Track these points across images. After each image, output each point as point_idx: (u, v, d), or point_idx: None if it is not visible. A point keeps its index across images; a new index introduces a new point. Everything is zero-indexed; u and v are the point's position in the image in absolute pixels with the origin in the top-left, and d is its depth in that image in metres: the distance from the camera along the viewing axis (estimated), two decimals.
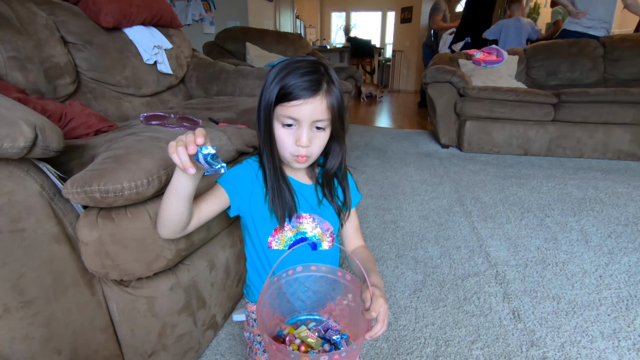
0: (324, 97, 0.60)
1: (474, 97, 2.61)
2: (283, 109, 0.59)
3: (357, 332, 0.62)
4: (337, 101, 0.61)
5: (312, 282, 0.66)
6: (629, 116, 2.46)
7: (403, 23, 7.38)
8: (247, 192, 0.67)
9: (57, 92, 1.12)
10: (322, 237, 0.72)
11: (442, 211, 1.71)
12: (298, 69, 0.59)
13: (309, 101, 0.58)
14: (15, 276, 0.56)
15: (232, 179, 0.67)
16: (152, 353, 0.77)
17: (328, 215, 0.72)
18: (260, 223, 0.69)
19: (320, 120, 0.61)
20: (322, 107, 0.60)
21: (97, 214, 0.62)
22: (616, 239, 1.46)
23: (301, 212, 0.69)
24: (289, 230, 0.69)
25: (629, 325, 1.00)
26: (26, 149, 0.52)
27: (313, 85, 0.58)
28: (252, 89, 1.82)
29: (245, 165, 0.69)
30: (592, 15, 3.03)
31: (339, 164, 0.70)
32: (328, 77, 0.60)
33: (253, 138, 1.02)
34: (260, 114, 0.63)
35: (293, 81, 0.57)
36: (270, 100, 0.60)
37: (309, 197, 0.71)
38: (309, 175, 0.73)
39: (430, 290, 1.14)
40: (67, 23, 1.22)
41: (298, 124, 0.60)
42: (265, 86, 0.61)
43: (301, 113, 0.59)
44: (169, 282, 0.73)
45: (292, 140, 0.61)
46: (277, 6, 5.27)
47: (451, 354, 0.89)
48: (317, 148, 0.64)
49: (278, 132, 0.62)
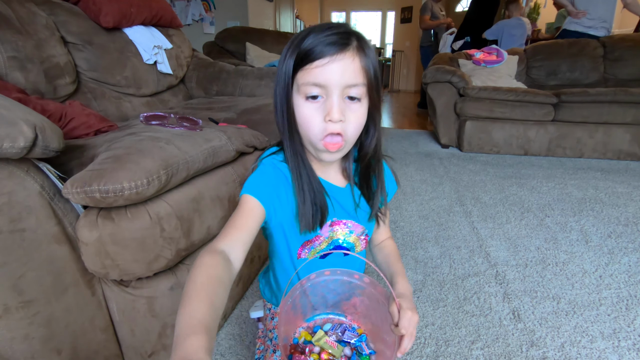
0: (356, 55, 0.47)
1: (474, 97, 2.61)
2: (304, 75, 0.47)
3: (377, 330, 0.58)
4: (373, 63, 0.49)
5: (329, 285, 0.60)
6: (629, 116, 2.46)
7: (403, 23, 7.38)
8: (278, 199, 0.55)
9: (57, 92, 1.12)
10: (357, 242, 0.63)
11: (442, 211, 1.71)
12: (318, 27, 0.47)
13: (336, 58, 0.45)
14: (15, 276, 0.56)
15: (265, 188, 0.53)
16: (152, 353, 0.77)
17: (363, 219, 0.62)
18: (291, 232, 0.58)
19: (353, 86, 0.47)
20: (355, 67, 0.47)
21: (97, 214, 0.62)
22: (616, 239, 1.46)
23: (334, 218, 0.58)
24: (323, 240, 0.59)
25: (629, 325, 1.00)
26: (26, 149, 0.52)
27: (341, 38, 0.46)
28: (252, 89, 1.81)
29: (273, 167, 0.56)
30: (592, 15, 3.03)
31: (376, 146, 0.57)
32: (358, 34, 0.48)
33: (253, 138, 1.02)
34: (275, 96, 0.52)
35: (314, 38, 0.46)
36: (287, 71, 0.48)
37: (344, 201, 0.59)
38: (342, 174, 0.61)
39: (430, 290, 1.14)
40: (67, 23, 1.22)
41: (325, 92, 0.47)
42: (279, 63, 0.50)
43: (328, 75, 0.46)
44: (169, 282, 0.73)
45: (319, 117, 0.48)
46: (277, 6, 5.27)
47: (451, 354, 0.89)
48: (354, 125, 0.50)
49: (300, 109, 0.49)
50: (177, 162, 0.71)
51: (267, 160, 0.57)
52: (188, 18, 4.18)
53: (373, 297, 0.57)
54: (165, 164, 0.68)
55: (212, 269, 0.42)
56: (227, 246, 0.46)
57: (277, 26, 5.36)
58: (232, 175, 0.92)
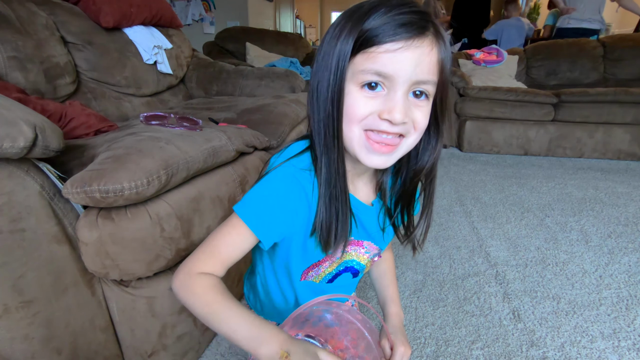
0: (435, 44, 0.37)
1: (474, 97, 2.61)
2: (367, 60, 0.37)
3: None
4: (449, 59, 0.40)
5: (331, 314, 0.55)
6: (629, 116, 2.46)
7: None
8: (289, 224, 0.45)
9: (57, 92, 1.12)
10: (368, 264, 0.55)
11: (442, 211, 1.71)
12: (384, 2, 0.36)
13: (413, 44, 0.36)
14: (15, 276, 0.56)
15: (269, 216, 0.43)
16: (152, 353, 0.77)
17: (385, 242, 0.54)
18: (297, 252, 0.49)
19: (425, 83, 0.38)
20: (432, 60, 0.37)
21: (97, 214, 0.62)
22: (616, 239, 1.46)
23: (352, 238, 0.49)
24: (334, 262, 0.50)
25: (629, 325, 1.00)
26: (26, 149, 0.52)
27: (419, 20, 0.36)
28: (252, 89, 1.82)
29: (288, 182, 0.43)
30: (583, 9, 3.11)
31: (433, 162, 0.47)
32: (433, 19, 0.38)
33: (253, 138, 1.02)
34: (319, 83, 0.40)
35: (382, 17, 0.35)
36: (343, 53, 0.37)
37: (368, 222, 0.50)
38: (372, 188, 0.51)
39: (430, 290, 1.14)
40: (67, 23, 1.22)
41: (389, 85, 0.37)
42: (325, 45, 0.39)
43: (398, 65, 0.36)
44: (169, 282, 0.73)
45: (372, 109, 0.38)
46: (277, 6, 5.27)
47: (451, 354, 0.89)
48: (417, 127, 0.40)
49: (350, 99, 0.38)
50: (177, 162, 0.71)
51: (284, 170, 0.44)
52: (188, 18, 4.18)
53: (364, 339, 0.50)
54: (165, 164, 0.68)
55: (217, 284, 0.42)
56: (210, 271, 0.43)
57: (277, 26, 5.36)
58: (232, 175, 0.92)
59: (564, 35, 3.19)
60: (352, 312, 0.49)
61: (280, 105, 1.37)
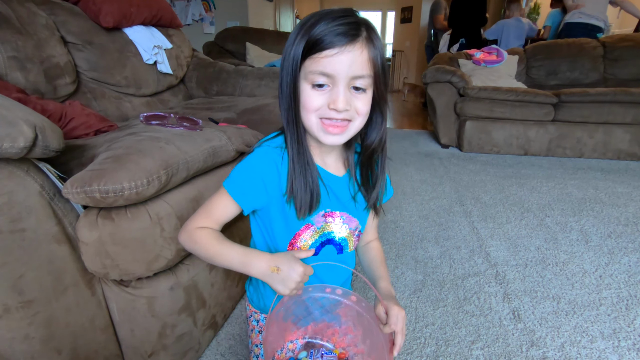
0: (365, 47, 0.47)
1: (474, 97, 2.61)
2: (313, 63, 0.47)
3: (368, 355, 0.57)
4: (381, 54, 0.49)
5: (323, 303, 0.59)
6: (629, 116, 2.46)
7: (403, 23, 7.37)
8: (266, 194, 0.55)
9: (57, 92, 1.12)
10: (349, 238, 0.62)
11: (442, 211, 1.71)
12: (330, 13, 0.47)
13: (346, 49, 0.46)
14: (15, 276, 0.56)
15: (247, 186, 0.54)
16: (152, 353, 0.77)
17: (358, 212, 0.61)
18: (278, 225, 0.57)
19: (360, 77, 0.48)
20: (363, 59, 0.47)
21: (97, 214, 0.62)
22: (616, 239, 1.46)
23: (328, 209, 0.58)
24: (313, 231, 0.58)
25: (629, 325, 1.00)
26: (26, 149, 0.52)
27: (351, 28, 0.46)
28: (252, 89, 1.82)
29: (263, 159, 0.54)
30: (590, 7, 3.15)
31: (380, 137, 0.57)
32: (367, 23, 0.48)
33: (253, 138, 1.02)
34: (282, 81, 0.51)
35: (324, 27, 0.46)
36: (296, 57, 0.48)
37: (340, 191, 0.59)
38: (342, 162, 0.60)
39: (430, 290, 1.14)
40: (67, 23, 1.22)
41: (332, 82, 0.48)
42: (286, 48, 0.50)
43: (337, 66, 0.46)
44: (169, 282, 0.73)
45: (321, 102, 0.49)
46: (277, 6, 5.27)
47: (451, 354, 0.89)
48: (359, 113, 0.51)
49: (306, 96, 0.49)
50: (177, 162, 0.71)
51: (260, 149, 0.55)
52: (188, 18, 4.17)
53: (363, 320, 0.56)
54: (165, 164, 0.68)
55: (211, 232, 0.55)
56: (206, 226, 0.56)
57: (277, 26, 5.36)
58: None
59: (573, 30, 3.21)
60: (346, 295, 0.55)
61: None
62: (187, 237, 0.55)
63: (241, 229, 0.97)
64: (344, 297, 0.56)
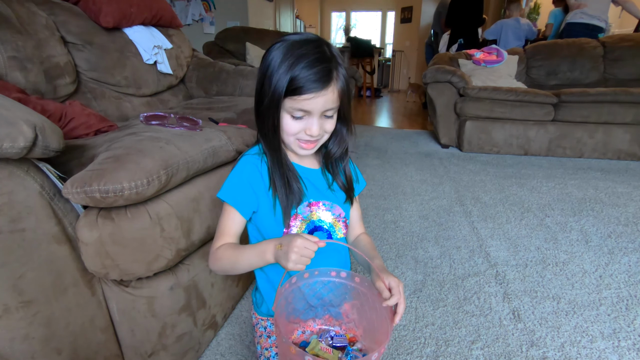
0: (335, 85, 0.58)
1: (474, 97, 2.61)
2: (293, 102, 0.58)
3: (370, 330, 0.62)
4: (345, 84, 0.60)
5: (330, 287, 0.64)
6: (629, 116, 2.46)
7: (403, 23, 7.37)
8: (254, 195, 0.64)
9: (57, 92, 1.12)
10: (335, 224, 0.69)
11: (442, 211, 1.71)
12: (306, 56, 0.56)
13: (320, 93, 0.57)
14: (15, 276, 0.56)
15: (238, 191, 0.63)
16: (152, 353, 0.77)
17: (339, 200, 0.70)
18: (269, 221, 0.65)
19: (330, 109, 0.60)
20: (334, 96, 0.59)
21: (97, 214, 0.62)
22: (616, 239, 1.46)
23: (311, 200, 0.66)
24: (301, 221, 0.66)
25: (629, 325, 1.00)
26: (26, 149, 0.52)
27: (324, 76, 0.56)
28: (252, 89, 1.81)
29: (245, 166, 0.64)
30: (593, 7, 3.15)
31: (344, 148, 0.69)
32: (335, 62, 0.58)
33: (253, 138, 1.02)
34: (262, 99, 0.60)
35: (303, 73, 0.55)
36: (278, 91, 0.57)
37: (317, 182, 0.69)
38: (315, 159, 0.71)
39: (430, 290, 1.14)
40: (67, 23, 1.22)
41: (308, 115, 0.59)
42: (270, 72, 0.58)
43: (312, 105, 0.58)
44: (169, 282, 0.73)
45: (299, 128, 0.60)
46: (277, 6, 5.27)
47: (451, 354, 0.89)
48: (327, 132, 0.63)
49: (285, 121, 0.61)
50: (177, 162, 0.71)
51: (241, 159, 0.66)
52: (188, 18, 4.18)
53: (363, 297, 0.62)
54: (165, 164, 0.68)
55: (229, 245, 0.64)
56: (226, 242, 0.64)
57: (277, 26, 5.36)
58: None
59: (574, 30, 3.20)
60: (350, 277, 0.63)
61: None
62: (212, 259, 0.64)
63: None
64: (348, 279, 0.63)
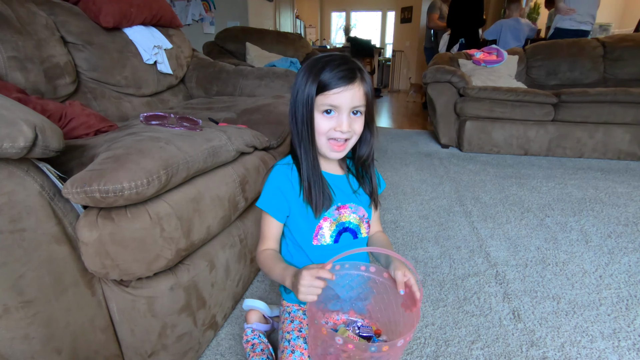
0: (361, 84, 0.65)
1: (474, 97, 2.61)
2: (324, 98, 0.64)
3: (392, 322, 0.68)
4: (370, 89, 0.67)
5: (359, 281, 0.70)
6: (629, 116, 2.46)
7: (403, 23, 7.37)
8: (286, 201, 0.71)
9: (57, 92, 1.12)
10: (360, 223, 0.76)
11: (442, 211, 1.71)
12: (331, 61, 0.64)
13: (348, 88, 0.63)
14: (15, 276, 0.56)
15: (272, 199, 0.71)
16: (152, 353, 0.77)
17: (363, 203, 0.76)
18: (301, 222, 0.72)
19: (358, 106, 0.66)
20: (360, 94, 0.65)
21: (97, 214, 0.62)
22: (616, 239, 1.46)
23: (339, 204, 0.73)
24: (331, 223, 0.73)
25: (629, 325, 1.00)
26: (26, 149, 0.52)
27: (350, 73, 0.63)
28: (252, 89, 1.82)
29: (276, 175, 0.71)
30: (581, 11, 3.14)
31: (369, 150, 0.74)
32: (359, 67, 0.66)
33: (253, 138, 1.02)
34: (296, 111, 0.67)
35: (330, 73, 0.63)
36: (310, 94, 0.64)
37: (343, 187, 0.75)
38: (340, 166, 0.77)
39: (430, 290, 1.14)
40: (67, 23, 1.23)
41: (338, 110, 0.65)
42: (299, 86, 0.66)
43: (342, 100, 0.63)
44: (169, 282, 0.73)
45: (330, 125, 0.66)
46: (277, 6, 5.27)
47: (451, 354, 0.89)
48: (356, 132, 0.68)
49: (317, 120, 0.66)
50: (177, 162, 0.71)
51: (274, 169, 0.73)
52: (188, 18, 4.18)
53: (385, 288, 0.68)
54: (165, 164, 0.68)
55: (269, 253, 0.73)
56: (269, 247, 0.75)
57: (277, 26, 5.36)
58: (232, 175, 0.92)
59: (564, 36, 3.20)
60: (378, 272, 0.69)
61: (280, 105, 1.37)
62: (258, 260, 0.75)
63: None
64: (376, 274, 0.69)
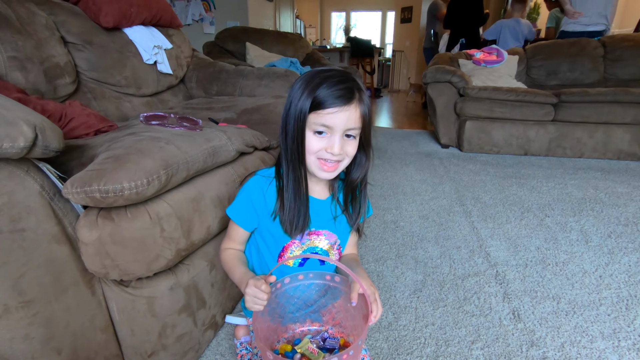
0: (358, 106, 0.60)
1: (474, 97, 2.61)
2: (317, 117, 0.59)
3: (358, 333, 0.64)
4: (368, 110, 0.62)
5: (302, 291, 0.68)
6: (629, 116, 2.46)
7: (403, 23, 7.38)
8: (256, 214, 0.68)
9: (57, 92, 1.12)
10: (330, 250, 0.72)
11: (442, 211, 1.71)
12: (330, 78, 0.59)
13: (344, 109, 0.58)
14: (15, 276, 0.56)
15: (241, 209, 0.69)
16: (152, 353, 0.77)
17: (339, 229, 0.72)
18: (269, 238, 0.69)
19: (352, 129, 0.61)
20: (356, 116, 0.60)
21: (97, 214, 0.62)
22: (616, 239, 1.46)
23: (313, 228, 0.69)
24: (298, 247, 0.69)
25: (629, 325, 1.00)
26: (26, 149, 0.52)
27: (347, 93, 0.58)
28: (252, 89, 1.82)
29: (251, 187, 0.68)
30: (590, 12, 3.05)
31: (364, 174, 0.69)
32: (358, 87, 0.61)
33: (253, 138, 1.02)
34: (287, 125, 0.62)
35: (327, 90, 0.58)
36: (303, 110, 0.59)
37: (323, 212, 0.70)
38: (328, 188, 0.72)
39: (430, 290, 1.14)
40: (67, 23, 1.22)
41: (330, 131, 0.60)
42: (293, 98, 0.60)
43: (336, 121, 0.59)
44: (169, 282, 0.73)
45: (321, 146, 0.61)
46: (277, 6, 5.27)
47: (451, 354, 0.89)
48: (348, 155, 0.63)
49: (309, 140, 0.61)
50: (177, 162, 0.71)
51: (252, 178, 0.69)
52: (188, 18, 4.18)
53: (347, 297, 0.65)
54: (165, 164, 0.67)
55: (232, 253, 0.73)
56: (233, 247, 0.74)
57: (277, 26, 5.36)
58: (232, 175, 0.92)
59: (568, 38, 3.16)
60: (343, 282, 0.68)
61: (280, 105, 1.37)
62: (220, 257, 0.74)
63: None
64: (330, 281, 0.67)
